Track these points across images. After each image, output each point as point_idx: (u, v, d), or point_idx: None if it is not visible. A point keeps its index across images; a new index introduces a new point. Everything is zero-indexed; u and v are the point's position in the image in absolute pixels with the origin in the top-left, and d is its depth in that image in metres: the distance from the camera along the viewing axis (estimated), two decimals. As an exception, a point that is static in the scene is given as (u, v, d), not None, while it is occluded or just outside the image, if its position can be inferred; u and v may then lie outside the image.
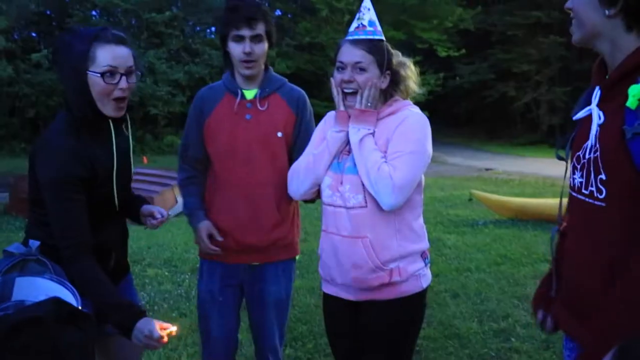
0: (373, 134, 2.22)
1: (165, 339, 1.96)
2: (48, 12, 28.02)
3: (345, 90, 2.25)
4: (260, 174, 2.60)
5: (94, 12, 27.02)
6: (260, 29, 2.54)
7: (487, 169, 17.95)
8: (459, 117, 33.77)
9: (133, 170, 2.35)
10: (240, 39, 2.52)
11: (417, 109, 2.30)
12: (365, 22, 2.26)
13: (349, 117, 2.26)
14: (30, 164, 2.08)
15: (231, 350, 2.82)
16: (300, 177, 2.37)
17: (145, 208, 2.45)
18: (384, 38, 2.28)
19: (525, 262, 6.33)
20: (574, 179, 1.64)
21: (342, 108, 2.28)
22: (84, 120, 2.07)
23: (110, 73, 2.04)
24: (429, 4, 25.02)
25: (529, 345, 4.04)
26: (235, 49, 2.54)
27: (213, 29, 28.32)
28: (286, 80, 2.76)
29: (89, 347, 1.54)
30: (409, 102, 2.34)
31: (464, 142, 28.14)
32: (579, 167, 1.61)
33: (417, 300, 2.29)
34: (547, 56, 26.90)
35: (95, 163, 2.08)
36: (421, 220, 2.34)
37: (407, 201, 2.19)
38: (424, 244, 2.33)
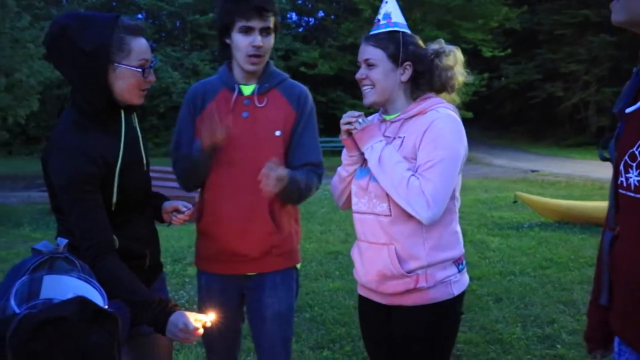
0: (402, 141, 2.14)
1: (201, 331, 1.93)
2: (96, 16, 28.66)
3: (364, 89, 2.19)
4: (253, 179, 2.32)
5: (139, 15, 27.54)
6: (271, 20, 2.33)
7: (533, 171, 17.59)
8: (504, 118, 33.22)
9: (145, 162, 2.22)
10: (249, 30, 2.30)
11: (445, 109, 2.15)
12: (380, 17, 2.18)
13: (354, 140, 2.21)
14: (44, 170, 2.03)
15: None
16: (334, 191, 2.39)
17: (168, 204, 2.35)
18: (399, 29, 2.16)
19: (572, 267, 6.16)
20: (627, 177, 1.55)
21: (343, 136, 2.22)
22: (93, 113, 2.02)
23: (145, 66, 2.03)
24: (474, 3, 24.69)
25: (575, 352, 3.90)
26: (243, 42, 2.31)
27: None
28: (288, 76, 2.54)
29: (115, 348, 1.52)
30: (440, 100, 2.20)
31: (510, 144, 27.70)
32: (634, 164, 1.52)
33: (447, 308, 2.16)
34: (597, 55, 26.24)
35: (107, 156, 2.01)
36: (455, 225, 2.21)
37: None
38: (457, 251, 2.19)
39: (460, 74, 2.22)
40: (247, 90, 2.42)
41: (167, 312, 1.93)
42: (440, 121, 2.09)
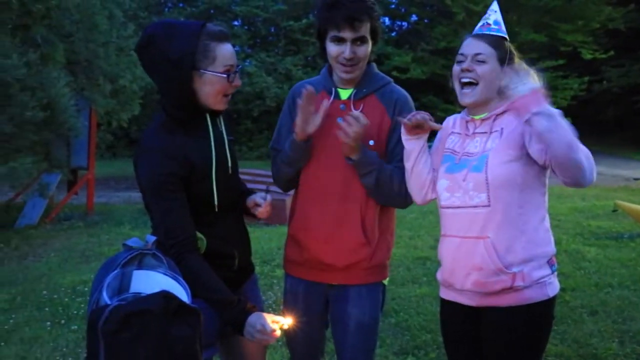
0: (501, 132, 2.15)
1: (278, 333, 1.95)
2: (195, 24, 29.76)
3: (462, 80, 2.20)
4: (346, 187, 2.30)
5: (235, 22, 28.32)
6: (364, 30, 2.22)
7: (635, 179, 16.70)
8: (605, 124, 31.63)
9: (230, 165, 2.22)
10: (340, 40, 2.23)
11: None
12: (490, 22, 2.25)
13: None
14: (135, 172, 2.11)
15: None
16: (420, 186, 2.33)
17: (249, 199, 2.34)
18: (507, 37, 2.26)
19: (677, 281, 5.81)
20: None
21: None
22: (179, 118, 2.06)
23: (231, 72, 2.06)
24: (574, 4, 23.66)
25: (677, 372, 3.69)
26: (334, 51, 2.26)
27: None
28: (391, 80, 2.44)
29: (197, 342, 1.58)
30: None
31: (610, 150, 26.33)
32: None
33: (543, 310, 2.15)
34: None
35: (192, 158, 2.05)
36: (546, 223, 2.21)
37: (531, 200, 2.12)
38: (550, 249, 2.19)
39: None
40: (345, 94, 2.38)
41: (246, 313, 1.96)
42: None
